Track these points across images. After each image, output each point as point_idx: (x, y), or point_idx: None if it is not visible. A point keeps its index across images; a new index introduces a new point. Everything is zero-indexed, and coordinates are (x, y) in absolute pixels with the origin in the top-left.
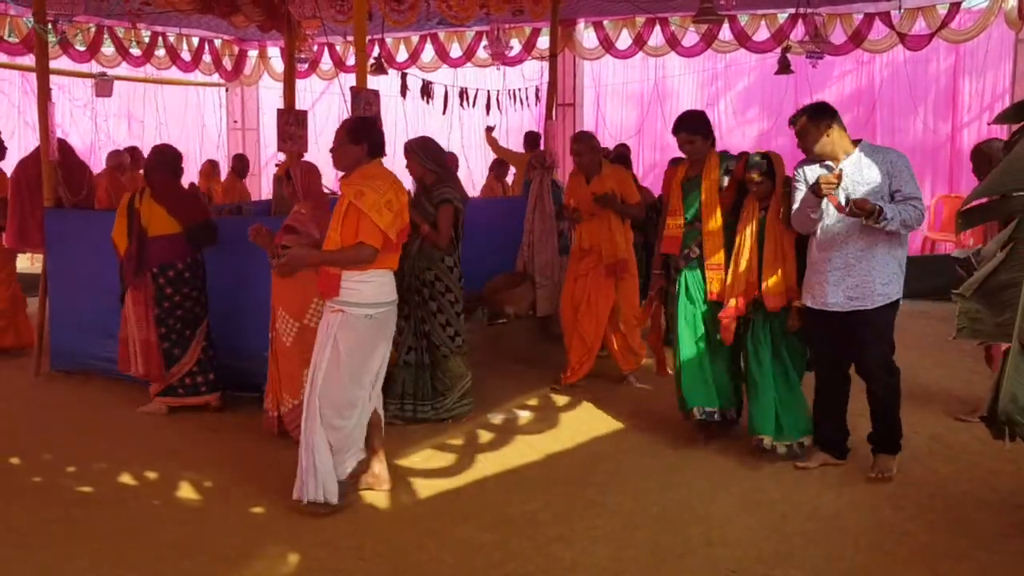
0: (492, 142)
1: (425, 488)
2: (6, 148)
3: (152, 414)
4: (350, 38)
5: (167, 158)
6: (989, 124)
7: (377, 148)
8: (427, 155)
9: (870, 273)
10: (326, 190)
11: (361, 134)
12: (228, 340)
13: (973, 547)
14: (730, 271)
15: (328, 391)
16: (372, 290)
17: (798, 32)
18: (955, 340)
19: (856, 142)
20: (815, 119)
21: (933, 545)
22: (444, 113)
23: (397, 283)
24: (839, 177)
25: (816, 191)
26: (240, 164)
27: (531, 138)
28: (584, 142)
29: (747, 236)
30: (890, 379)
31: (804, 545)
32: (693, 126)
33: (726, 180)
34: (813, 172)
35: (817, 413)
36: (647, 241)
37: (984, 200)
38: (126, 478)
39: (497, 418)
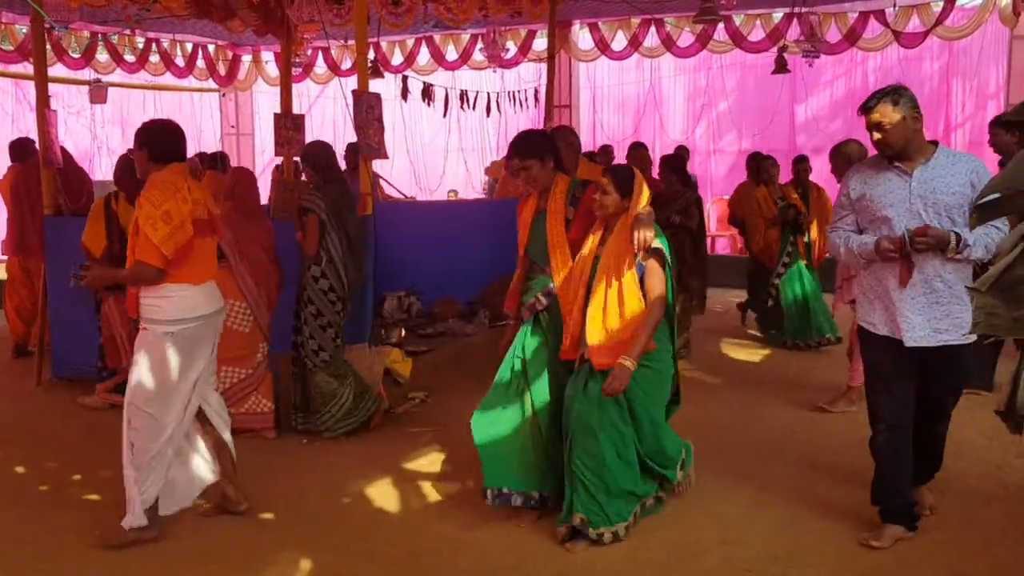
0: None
1: (434, 492)
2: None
3: (89, 407)
4: (347, 42)
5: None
6: (998, 120)
7: (161, 154)
8: (306, 161)
9: (961, 299)
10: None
11: (142, 139)
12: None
13: (987, 543)
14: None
15: (132, 412)
16: (172, 306)
17: (793, 31)
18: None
19: (932, 143)
20: (900, 102)
21: (947, 541)
22: (445, 116)
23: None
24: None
25: (906, 248)
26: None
27: None
28: (562, 138)
29: (576, 272)
30: (950, 414)
31: (818, 543)
32: (524, 149)
33: (572, 211)
34: (875, 184)
35: (884, 477)
36: None
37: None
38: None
39: None
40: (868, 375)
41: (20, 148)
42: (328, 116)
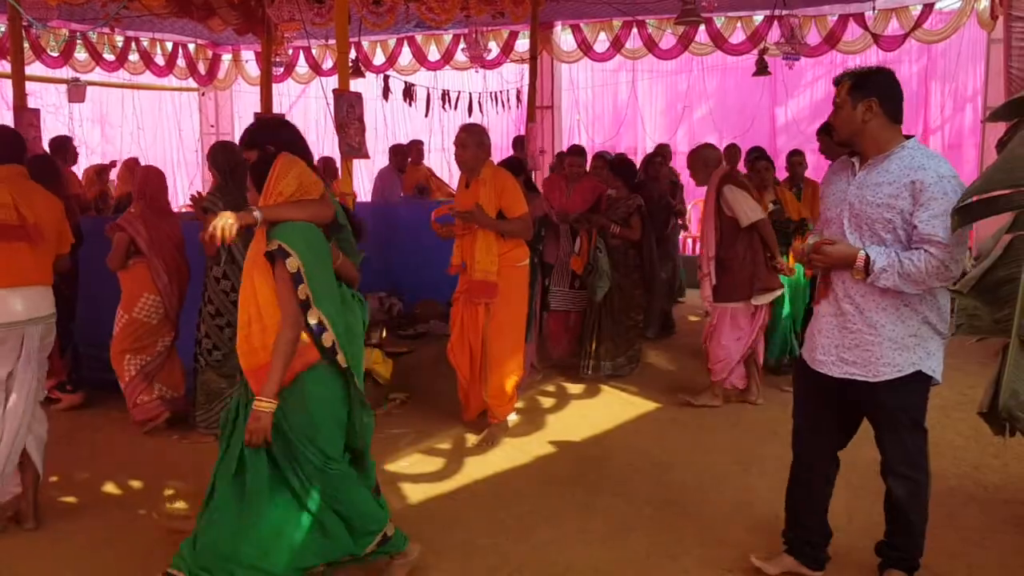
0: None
1: (415, 493)
2: (77, 153)
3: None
4: (328, 42)
5: (48, 167)
6: (982, 122)
7: None
8: (209, 162)
9: (876, 330)
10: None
11: None
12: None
13: (965, 543)
14: None
15: None
16: None
17: (774, 34)
18: (951, 336)
19: (908, 137)
20: (855, 89)
21: (926, 541)
22: (427, 116)
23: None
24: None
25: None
26: None
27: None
28: (471, 134)
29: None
30: (914, 476)
31: None
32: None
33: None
34: (831, 181)
35: (789, 504)
36: (541, 261)
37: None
38: (110, 487)
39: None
40: (794, 394)
41: (59, 146)
42: (310, 116)
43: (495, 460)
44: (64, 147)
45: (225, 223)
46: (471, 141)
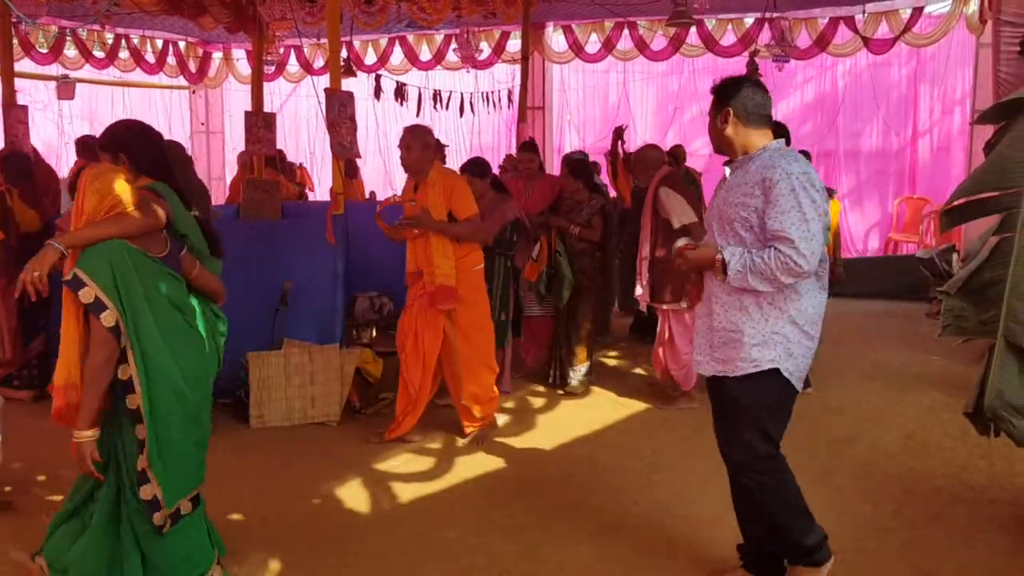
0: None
1: (405, 492)
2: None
3: None
4: (321, 40)
5: (23, 166)
6: (970, 124)
7: None
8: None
9: (739, 328)
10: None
11: None
12: None
13: (952, 543)
14: None
15: None
16: None
17: (764, 36)
18: (921, 339)
19: (782, 138)
20: (714, 101)
21: (914, 542)
22: (418, 115)
23: None
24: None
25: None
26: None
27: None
28: (416, 135)
29: None
30: (761, 476)
31: None
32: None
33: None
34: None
35: (737, 517)
36: (513, 266)
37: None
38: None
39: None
40: None
41: (85, 145)
42: (301, 115)
43: (486, 460)
44: (91, 146)
45: (31, 276)
46: (416, 143)
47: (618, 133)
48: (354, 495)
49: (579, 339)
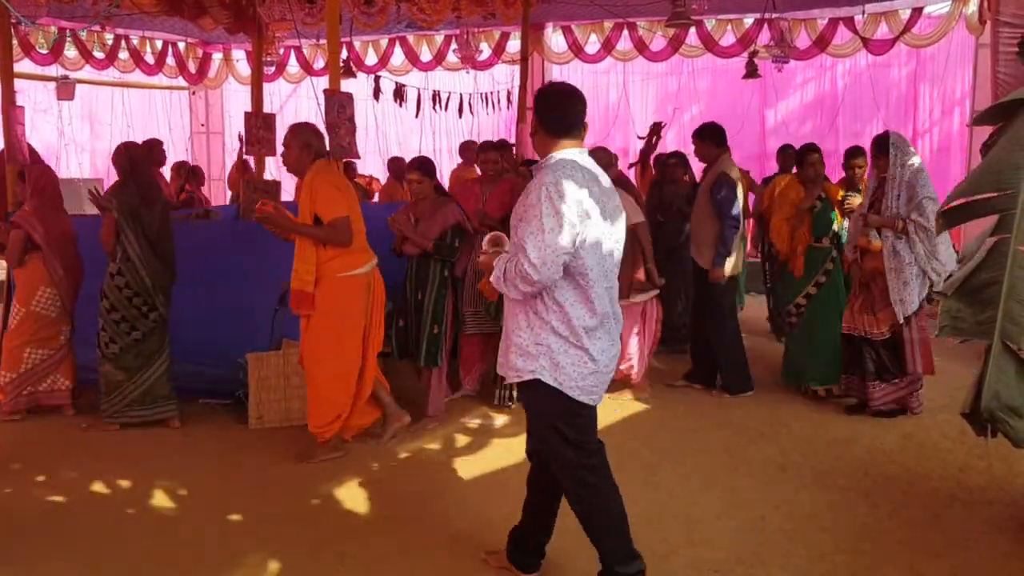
0: None
1: (404, 493)
2: (165, 155)
3: None
4: (320, 41)
5: None
6: (967, 126)
7: None
8: (112, 160)
9: (508, 335)
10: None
11: None
12: (200, 346)
13: (949, 544)
14: None
15: None
16: None
17: (764, 37)
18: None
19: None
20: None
21: (910, 542)
22: (417, 116)
23: None
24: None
25: None
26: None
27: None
28: (295, 135)
29: None
30: (566, 479)
31: (784, 545)
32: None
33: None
34: None
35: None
36: (452, 276)
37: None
38: (98, 486)
39: (473, 422)
40: None
41: (148, 148)
42: (301, 115)
43: (484, 460)
44: (153, 149)
45: None
46: (295, 142)
47: (655, 129)
48: (353, 496)
49: None
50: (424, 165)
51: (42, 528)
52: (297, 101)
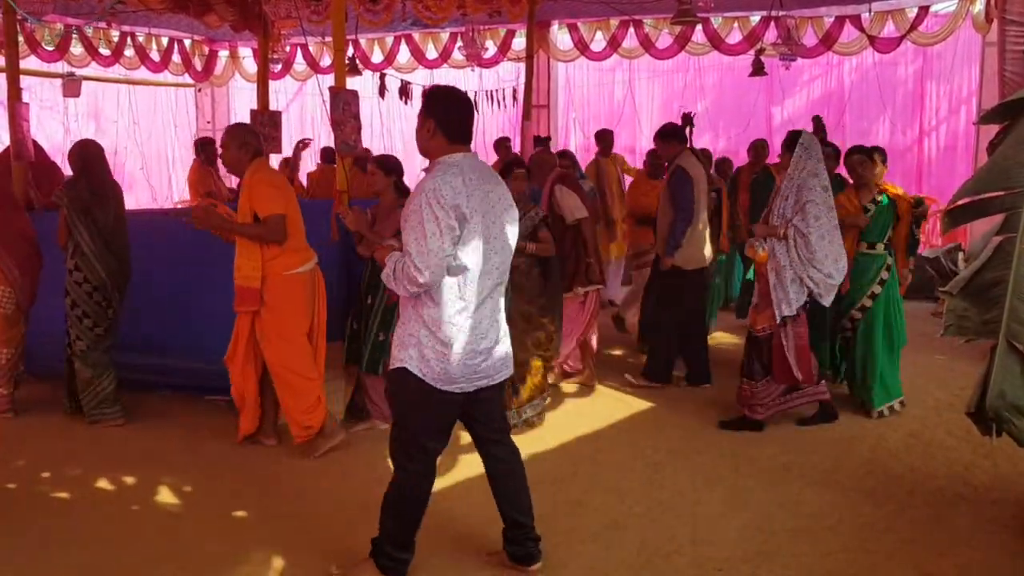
0: None
1: None
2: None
3: None
4: (326, 39)
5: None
6: (973, 124)
7: None
8: (68, 157)
9: (400, 324)
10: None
11: None
12: (195, 342)
13: (954, 543)
14: None
15: None
16: None
17: (770, 35)
18: (926, 338)
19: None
20: (423, 108)
21: (915, 541)
22: None
23: None
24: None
25: None
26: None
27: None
28: (232, 135)
29: None
30: (395, 460)
31: (789, 543)
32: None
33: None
34: None
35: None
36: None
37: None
38: (103, 483)
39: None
40: None
41: (202, 146)
42: (307, 113)
43: None
44: (207, 147)
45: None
46: (232, 143)
47: (687, 119)
48: (357, 493)
49: (520, 374)
50: (383, 160)
51: (45, 525)
52: (303, 98)
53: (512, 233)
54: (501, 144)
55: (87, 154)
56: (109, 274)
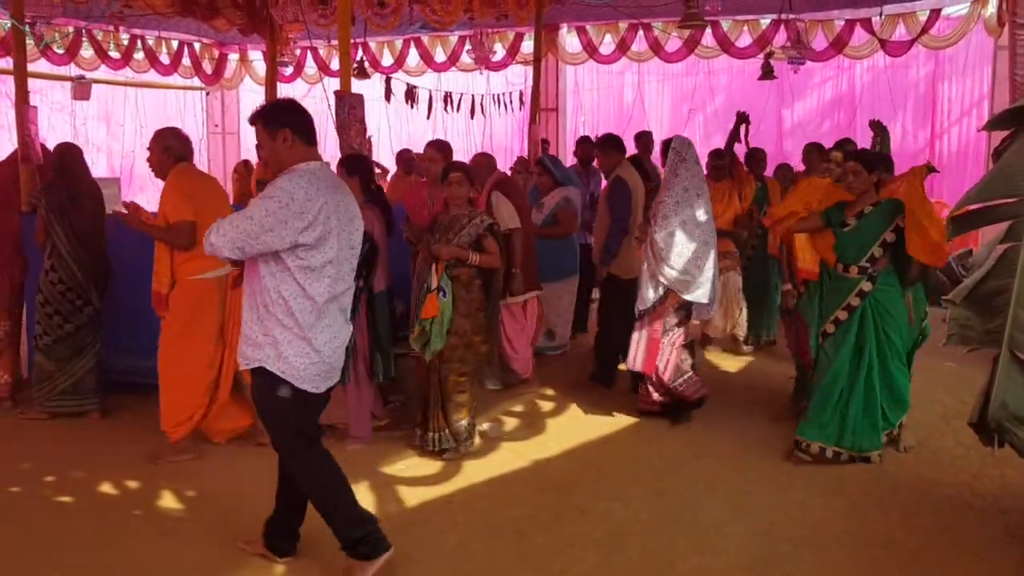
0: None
1: (412, 496)
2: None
3: None
4: (334, 42)
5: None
6: (979, 131)
7: None
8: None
9: (242, 327)
10: None
11: None
12: None
13: (961, 554)
14: None
15: None
16: None
17: (780, 38)
18: (935, 344)
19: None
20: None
21: (921, 552)
22: (428, 118)
23: None
24: None
25: None
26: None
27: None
28: (156, 139)
29: None
30: (291, 460)
31: (793, 552)
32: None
33: None
34: None
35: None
36: (370, 291)
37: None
38: (106, 487)
39: (484, 425)
40: None
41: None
42: (316, 116)
43: (492, 464)
44: (404, 157)
45: None
46: (156, 146)
47: (742, 118)
48: (360, 498)
49: (455, 402)
50: (349, 160)
51: (49, 530)
52: (312, 101)
53: (357, 241)
54: (401, 157)
55: (64, 157)
56: (85, 273)
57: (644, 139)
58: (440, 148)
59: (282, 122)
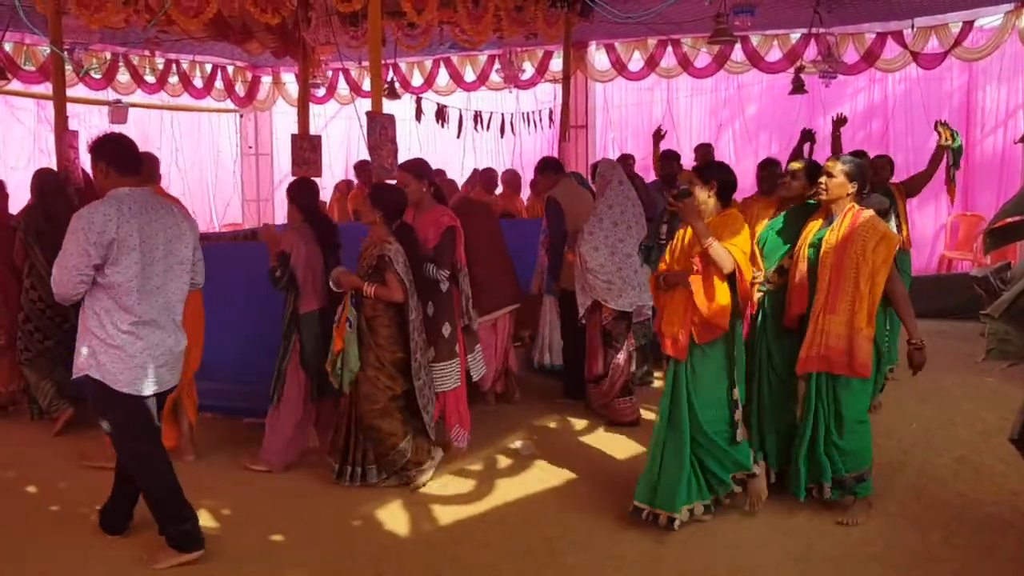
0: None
1: (445, 514)
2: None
3: None
4: (364, 63)
5: (53, 184)
6: (1015, 143)
7: None
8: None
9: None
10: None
11: None
12: (243, 366)
13: (1003, 574)
14: None
15: None
16: None
17: (811, 52)
18: (975, 360)
19: None
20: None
21: (964, 571)
22: (458, 136)
23: None
24: None
25: None
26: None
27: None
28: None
29: None
30: (120, 450)
31: (832, 571)
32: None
33: None
34: None
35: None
36: (296, 316)
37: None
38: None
39: (516, 443)
40: None
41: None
42: (349, 136)
43: (526, 483)
44: (365, 169)
45: None
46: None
47: (806, 136)
48: (394, 516)
49: (382, 431)
50: (292, 186)
51: (86, 548)
52: (343, 121)
53: (182, 255)
54: (363, 168)
55: (43, 182)
56: None
57: (706, 153)
58: (407, 168)
59: (101, 156)
